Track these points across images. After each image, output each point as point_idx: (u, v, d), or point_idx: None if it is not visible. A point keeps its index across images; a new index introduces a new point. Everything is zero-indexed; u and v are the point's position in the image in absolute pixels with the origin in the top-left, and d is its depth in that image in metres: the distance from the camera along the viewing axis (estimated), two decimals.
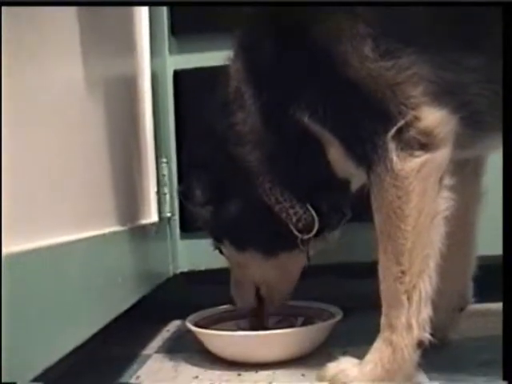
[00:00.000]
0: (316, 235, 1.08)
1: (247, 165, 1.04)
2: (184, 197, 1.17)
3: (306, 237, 1.07)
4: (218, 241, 1.17)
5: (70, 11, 0.97)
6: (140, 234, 1.24)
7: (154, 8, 1.44)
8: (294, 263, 1.15)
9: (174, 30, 1.49)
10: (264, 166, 1.04)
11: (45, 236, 0.81)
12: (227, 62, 1.06)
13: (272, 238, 1.09)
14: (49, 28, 0.88)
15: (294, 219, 1.06)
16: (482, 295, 1.14)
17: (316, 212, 1.06)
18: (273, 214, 1.06)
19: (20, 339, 0.68)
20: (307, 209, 1.06)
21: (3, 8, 0.71)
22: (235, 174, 1.06)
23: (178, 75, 1.48)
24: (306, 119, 0.94)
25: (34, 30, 0.82)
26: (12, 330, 0.65)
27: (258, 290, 1.18)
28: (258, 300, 1.19)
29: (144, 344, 1.30)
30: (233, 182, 1.08)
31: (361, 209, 0.95)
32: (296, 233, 1.07)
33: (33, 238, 0.77)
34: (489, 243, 1.09)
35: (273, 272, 1.14)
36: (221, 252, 1.18)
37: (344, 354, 1.09)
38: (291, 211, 1.05)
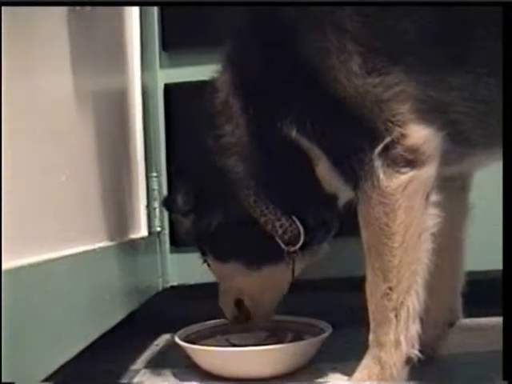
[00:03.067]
0: (303, 248, 1.08)
1: (233, 176, 1.05)
2: (166, 205, 1.17)
3: (292, 249, 1.07)
4: (202, 251, 1.17)
5: (61, 24, 0.97)
6: (130, 248, 1.24)
7: (145, 22, 1.45)
8: (279, 277, 1.13)
9: (164, 44, 1.49)
10: (250, 178, 1.04)
11: (34, 252, 0.81)
12: (215, 74, 1.06)
13: (256, 249, 1.09)
14: (38, 41, 0.89)
15: (280, 231, 1.06)
16: (471, 310, 1.14)
17: (302, 225, 1.06)
18: (257, 226, 1.06)
19: (9, 353, 0.68)
20: (293, 221, 1.05)
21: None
22: (220, 185, 1.06)
23: (168, 89, 1.48)
24: (293, 133, 0.94)
25: (23, 44, 0.82)
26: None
27: (242, 303, 1.18)
28: (245, 313, 1.18)
29: (133, 359, 1.29)
30: (217, 192, 1.08)
31: (350, 223, 0.95)
32: (282, 245, 1.07)
33: (22, 255, 0.77)
34: (477, 258, 1.10)
35: (258, 284, 1.13)
36: (209, 265, 1.18)
37: (333, 369, 1.09)
38: (277, 223, 1.05)
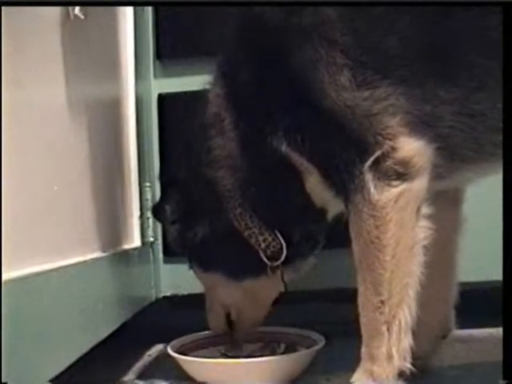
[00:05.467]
0: (287, 262, 1.07)
1: (220, 189, 1.05)
2: (154, 212, 1.18)
3: (274, 264, 1.07)
4: (189, 259, 1.17)
5: (54, 34, 0.97)
6: (123, 259, 1.24)
7: (139, 31, 1.45)
8: (263, 289, 1.13)
9: (159, 54, 1.49)
10: (236, 191, 1.04)
11: (27, 264, 0.81)
12: (208, 86, 1.06)
13: (238, 262, 1.09)
14: (32, 51, 0.89)
15: (263, 246, 1.06)
16: (464, 321, 1.13)
17: (287, 240, 1.06)
18: (241, 239, 1.06)
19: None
20: (276, 236, 1.05)
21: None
22: (207, 197, 1.07)
23: (162, 99, 1.48)
24: (283, 147, 0.94)
25: (17, 54, 0.82)
26: None
27: (229, 315, 1.17)
28: (230, 325, 1.18)
29: (126, 369, 1.29)
30: (203, 204, 1.08)
31: (343, 235, 0.95)
32: (265, 259, 1.07)
33: (16, 267, 0.77)
34: (470, 269, 1.10)
35: (241, 296, 1.13)
36: (195, 273, 1.18)
37: (326, 381, 1.09)
38: (260, 237, 1.05)
